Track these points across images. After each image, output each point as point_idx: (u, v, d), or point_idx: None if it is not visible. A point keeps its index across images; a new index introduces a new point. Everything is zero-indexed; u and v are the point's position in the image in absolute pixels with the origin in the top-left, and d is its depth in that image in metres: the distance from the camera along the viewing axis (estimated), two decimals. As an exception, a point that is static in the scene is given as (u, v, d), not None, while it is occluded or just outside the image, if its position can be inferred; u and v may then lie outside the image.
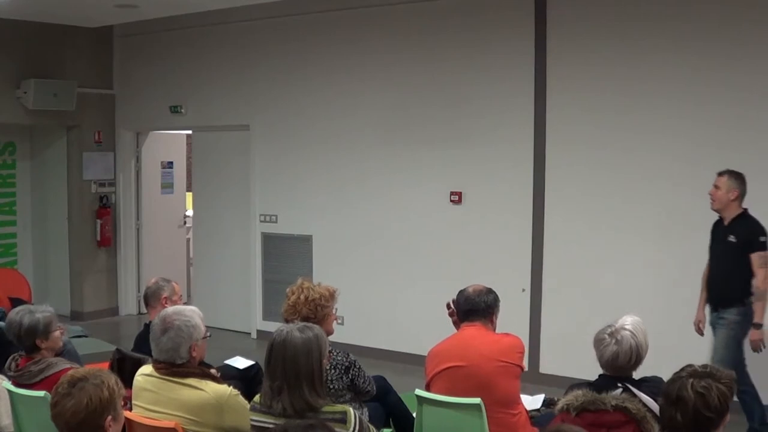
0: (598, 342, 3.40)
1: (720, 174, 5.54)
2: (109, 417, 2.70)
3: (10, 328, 4.04)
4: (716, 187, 5.53)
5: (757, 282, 5.32)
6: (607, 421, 3.05)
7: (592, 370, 3.62)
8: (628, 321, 3.44)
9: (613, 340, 3.35)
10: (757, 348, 5.36)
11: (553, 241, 6.84)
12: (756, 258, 5.32)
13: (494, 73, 7.11)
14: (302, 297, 4.05)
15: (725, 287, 5.51)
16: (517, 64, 6.97)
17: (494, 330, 4.21)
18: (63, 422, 2.67)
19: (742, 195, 5.50)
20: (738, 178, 5.49)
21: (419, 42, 7.50)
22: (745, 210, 5.50)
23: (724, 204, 5.50)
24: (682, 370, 2.73)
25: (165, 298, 4.76)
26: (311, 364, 3.13)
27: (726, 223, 5.52)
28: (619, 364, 3.36)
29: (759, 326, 5.32)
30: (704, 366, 2.74)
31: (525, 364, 4.10)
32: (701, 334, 5.61)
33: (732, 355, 5.37)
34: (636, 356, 3.37)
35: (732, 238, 5.45)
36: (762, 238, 5.36)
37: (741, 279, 5.40)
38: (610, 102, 6.57)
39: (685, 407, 2.61)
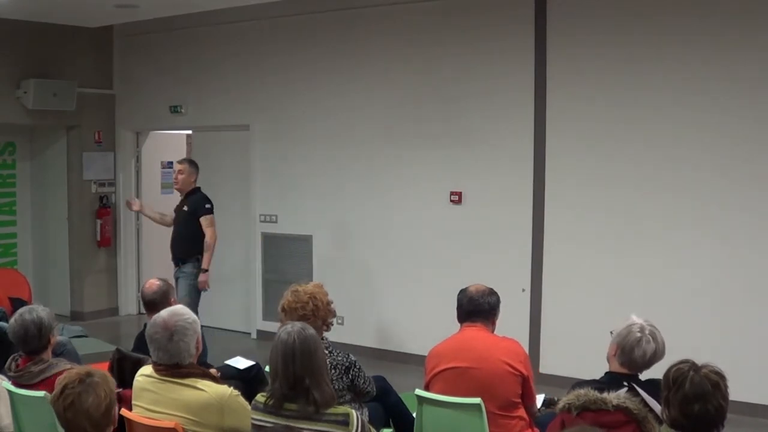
0: (635, 341, 3.39)
1: (180, 162, 7.44)
2: (115, 408, 2.84)
3: (27, 330, 3.95)
4: (180, 172, 7.30)
5: (207, 238, 7.08)
6: (608, 421, 3.04)
7: (592, 370, 3.62)
8: (642, 320, 3.47)
9: (649, 338, 3.38)
10: (203, 287, 7.17)
11: (553, 240, 6.83)
12: (203, 221, 7.13)
13: (494, 72, 7.10)
14: (319, 303, 4.07)
15: (182, 246, 7.24)
16: (517, 63, 6.96)
17: (493, 331, 4.19)
18: (84, 418, 2.71)
19: (196, 177, 7.37)
20: (194, 165, 7.40)
21: (419, 41, 7.50)
22: (198, 187, 7.34)
23: (185, 185, 7.30)
24: (681, 365, 2.73)
25: (173, 300, 4.74)
26: (325, 357, 3.27)
27: (182, 197, 7.37)
28: (656, 360, 3.40)
29: (205, 271, 7.16)
30: (689, 361, 2.75)
31: (525, 369, 4.03)
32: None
33: (194, 300, 7.04)
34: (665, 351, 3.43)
35: (186, 208, 7.26)
36: (207, 206, 7.20)
37: (194, 239, 7.13)
38: (612, 100, 6.55)
39: (704, 400, 2.62)
